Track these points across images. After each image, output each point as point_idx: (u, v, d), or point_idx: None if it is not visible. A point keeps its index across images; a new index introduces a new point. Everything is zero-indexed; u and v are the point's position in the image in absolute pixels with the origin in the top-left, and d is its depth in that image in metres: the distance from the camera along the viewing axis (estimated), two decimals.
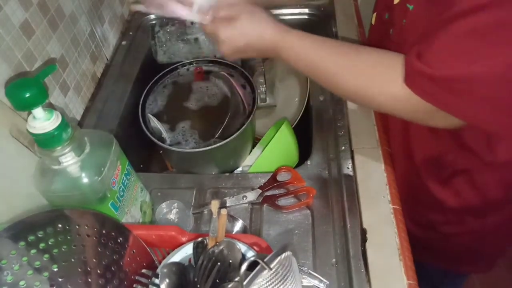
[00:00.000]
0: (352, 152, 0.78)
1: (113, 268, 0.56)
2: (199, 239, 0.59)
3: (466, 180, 0.74)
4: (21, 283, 0.51)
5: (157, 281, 0.55)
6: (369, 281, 0.62)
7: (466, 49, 0.50)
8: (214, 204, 0.62)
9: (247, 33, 0.65)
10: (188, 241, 0.60)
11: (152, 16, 1.16)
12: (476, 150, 0.69)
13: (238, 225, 0.72)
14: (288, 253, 0.50)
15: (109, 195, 0.61)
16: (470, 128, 0.62)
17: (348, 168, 0.77)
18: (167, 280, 0.53)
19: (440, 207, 0.80)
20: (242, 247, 0.57)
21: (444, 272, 0.99)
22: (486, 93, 0.52)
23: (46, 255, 0.54)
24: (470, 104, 0.53)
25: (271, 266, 0.48)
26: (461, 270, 0.98)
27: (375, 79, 0.60)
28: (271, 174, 0.79)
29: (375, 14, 0.79)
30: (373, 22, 0.80)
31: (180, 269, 0.55)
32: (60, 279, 0.53)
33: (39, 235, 0.54)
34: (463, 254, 0.90)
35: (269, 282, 0.48)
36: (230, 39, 0.65)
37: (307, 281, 0.60)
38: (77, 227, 0.57)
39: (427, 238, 0.86)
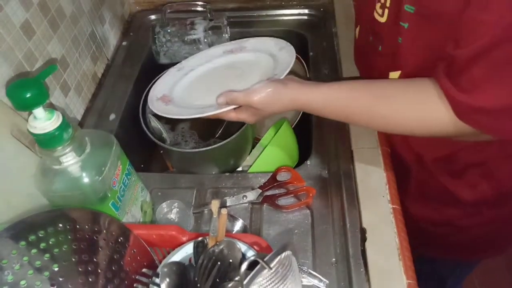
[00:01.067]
0: (352, 152, 0.78)
1: (113, 268, 0.56)
2: (200, 238, 0.59)
3: (480, 172, 0.75)
4: (22, 282, 0.51)
5: (157, 280, 0.55)
6: (368, 280, 0.62)
7: (509, 76, 0.51)
8: (214, 204, 0.62)
9: (270, 114, 0.69)
10: (189, 240, 0.61)
11: (153, 17, 1.16)
12: (491, 145, 0.70)
13: (238, 225, 0.72)
14: (288, 252, 0.50)
15: (109, 195, 0.61)
16: None
17: (348, 168, 0.77)
18: (168, 280, 0.53)
19: (456, 202, 0.80)
20: (242, 247, 0.57)
21: (455, 264, 0.99)
22: None
23: (47, 255, 0.54)
24: None
25: (271, 265, 0.48)
26: (473, 259, 0.98)
27: (418, 113, 0.60)
28: (271, 174, 0.79)
29: (358, 28, 0.79)
30: (356, 36, 0.80)
31: (180, 268, 0.55)
32: (60, 279, 0.53)
33: (40, 235, 0.54)
34: (478, 243, 0.90)
35: (269, 282, 0.48)
36: (256, 122, 0.72)
37: (307, 280, 0.61)
38: (77, 227, 0.57)
39: (443, 234, 0.86)
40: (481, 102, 0.52)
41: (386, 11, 0.64)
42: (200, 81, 0.86)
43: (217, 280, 0.52)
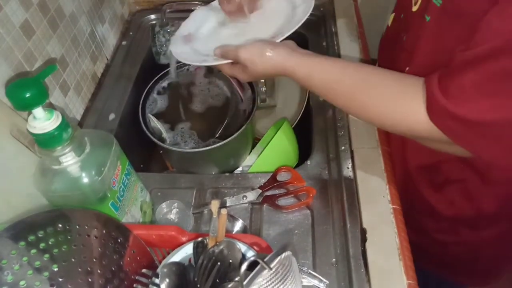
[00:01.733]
0: (352, 152, 0.78)
1: (113, 268, 0.56)
2: (199, 239, 0.59)
3: (459, 189, 0.74)
4: (21, 283, 0.51)
5: (157, 281, 0.55)
6: (369, 281, 0.62)
7: (498, 92, 0.48)
8: (214, 204, 0.62)
9: (259, 74, 0.68)
10: (188, 241, 0.61)
11: (152, 16, 1.16)
12: (473, 164, 0.68)
13: (238, 225, 0.72)
14: (288, 253, 0.50)
15: (109, 195, 0.61)
16: None
17: (348, 168, 0.77)
18: (167, 280, 0.53)
19: (433, 214, 0.79)
20: (242, 247, 0.57)
21: (442, 283, 0.99)
22: None
23: (46, 255, 0.54)
24: (499, 147, 0.52)
25: (271, 266, 0.48)
26: (457, 280, 0.97)
27: (396, 108, 0.58)
28: (271, 174, 0.79)
29: (393, 15, 0.77)
30: (389, 23, 0.78)
31: (180, 269, 0.55)
32: (60, 279, 0.53)
33: (39, 235, 0.54)
34: (458, 263, 0.89)
35: (269, 282, 0.48)
36: (248, 79, 0.71)
37: (307, 281, 0.60)
38: (77, 227, 0.57)
39: (422, 244, 0.86)
40: (459, 110, 0.50)
41: (420, 0, 0.63)
42: (227, 21, 0.83)
43: (217, 280, 0.52)
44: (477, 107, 0.49)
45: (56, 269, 0.53)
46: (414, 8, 0.65)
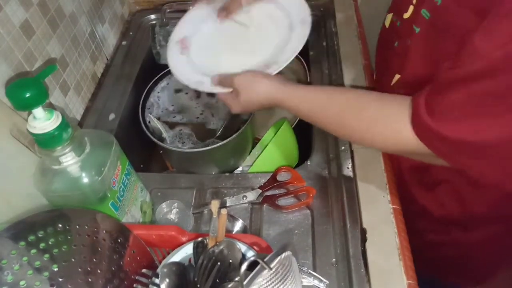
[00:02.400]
0: (352, 152, 0.78)
1: (113, 268, 0.56)
2: (199, 239, 0.59)
3: (449, 190, 0.74)
4: (21, 283, 0.51)
5: (157, 281, 0.55)
6: (369, 280, 0.62)
7: (481, 113, 0.48)
8: (214, 204, 0.62)
9: (250, 104, 0.71)
10: (188, 241, 0.61)
11: (152, 16, 1.16)
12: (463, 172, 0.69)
13: (238, 225, 0.72)
14: (288, 253, 0.50)
15: (109, 195, 0.61)
16: None
17: (348, 168, 0.77)
18: (167, 280, 0.53)
19: (425, 214, 0.79)
20: (242, 247, 0.57)
21: (434, 283, 0.98)
22: (501, 156, 0.51)
23: (46, 255, 0.54)
24: (484, 164, 0.53)
25: (271, 266, 0.48)
26: (450, 281, 0.98)
27: (385, 129, 0.58)
28: (271, 174, 0.79)
29: (390, 15, 0.77)
30: (386, 24, 0.78)
31: (180, 269, 0.55)
32: (60, 279, 0.53)
33: (39, 235, 0.54)
34: (449, 264, 0.89)
35: (269, 282, 0.48)
36: (241, 111, 0.73)
37: (307, 281, 0.60)
38: (77, 227, 0.57)
39: (415, 244, 0.86)
40: (442, 130, 0.50)
41: (411, 8, 0.64)
42: (224, 30, 0.84)
43: (217, 280, 0.52)
44: (459, 127, 0.50)
45: (56, 269, 0.53)
46: (406, 16, 0.66)
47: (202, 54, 0.81)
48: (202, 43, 0.83)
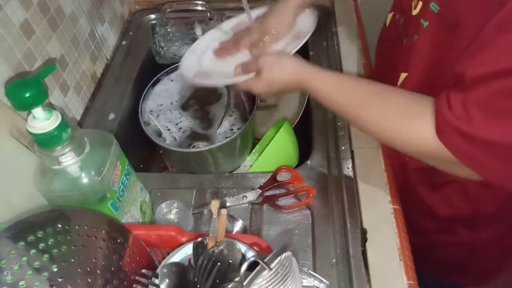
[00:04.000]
0: (352, 152, 0.78)
1: (112, 268, 0.56)
2: (199, 239, 0.59)
3: (457, 190, 0.74)
4: (21, 283, 0.51)
5: (157, 281, 0.55)
6: (369, 281, 0.62)
7: (508, 112, 0.47)
8: (214, 204, 0.62)
9: (274, 82, 0.70)
10: (188, 241, 0.60)
11: (152, 16, 1.16)
12: None
13: (238, 225, 0.72)
14: (288, 253, 0.50)
15: (108, 195, 0.61)
16: None
17: (348, 168, 0.76)
18: (167, 280, 0.53)
19: (431, 214, 0.79)
20: (242, 247, 0.57)
21: (438, 284, 0.98)
22: None
23: (46, 255, 0.54)
24: (507, 169, 0.51)
25: (271, 266, 0.48)
26: (454, 281, 0.97)
27: (405, 125, 0.57)
28: (271, 174, 0.79)
29: (391, 14, 0.76)
30: (387, 23, 0.78)
31: (180, 269, 0.55)
32: (59, 279, 0.53)
33: (39, 235, 0.54)
34: (455, 264, 0.89)
35: (269, 282, 0.48)
36: (263, 90, 0.71)
37: (307, 281, 0.60)
38: (77, 227, 0.56)
39: (419, 245, 0.86)
40: (467, 128, 0.49)
41: (420, 4, 0.63)
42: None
43: (217, 281, 0.52)
44: (485, 126, 0.48)
45: (55, 270, 0.53)
46: (414, 12, 0.65)
47: (218, 66, 0.82)
48: (215, 64, 0.84)
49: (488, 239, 0.79)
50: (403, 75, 0.69)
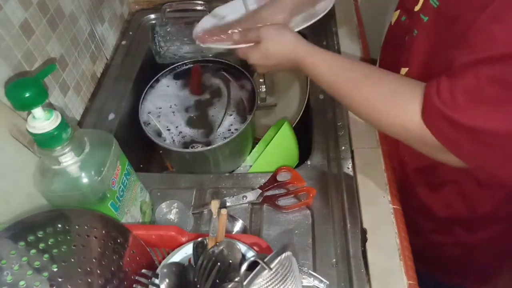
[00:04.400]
0: (352, 152, 0.78)
1: (113, 268, 0.56)
2: (199, 239, 0.59)
3: (455, 191, 0.74)
4: (21, 283, 0.51)
5: (157, 281, 0.55)
6: (369, 281, 0.62)
7: (494, 100, 0.47)
8: (214, 204, 0.62)
9: (271, 54, 0.70)
10: (188, 241, 0.60)
11: (152, 16, 1.16)
12: (468, 168, 0.68)
13: (238, 225, 0.72)
14: (288, 253, 0.50)
15: (108, 195, 0.61)
16: None
17: (348, 168, 0.77)
18: (167, 280, 0.53)
19: (429, 215, 0.79)
20: (242, 247, 0.57)
21: (439, 284, 0.98)
22: None
23: (46, 255, 0.54)
24: (492, 156, 0.51)
25: (271, 266, 0.48)
26: (453, 281, 0.97)
27: (393, 106, 0.57)
28: (271, 174, 0.79)
29: (396, 12, 0.76)
30: (392, 21, 0.78)
31: (180, 269, 0.55)
32: (60, 279, 0.53)
33: (39, 235, 0.54)
34: (453, 265, 0.89)
35: (269, 282, 0.48)
36: (258, 61, 0.71)
37: (307, 281, 0.60)
38: (76, 227, 0.56)
39: (418, 245, 0.86)
40: (453, 114, 0.49)
41: (421, 0, 0.63)
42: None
43: (217, 281, 0.52)
44: (471, 112, 0.49)
45: (55, 269, 0.53)
46: (417, 8, 0.65)
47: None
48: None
49: (486, 240, 0.79)
50: (404, 70, 0.69)
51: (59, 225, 0.56)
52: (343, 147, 0.80)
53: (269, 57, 0.70)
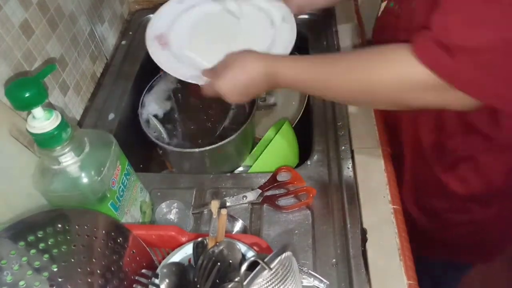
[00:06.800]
0: (352, 152, 0.78)
1: (112, 268, 0.56)
2: (199, 239, 0.59)
3: (471, 166, 0.74)
4: (21, 283, 0.51)
5: (157, 281, 0.55)
6: (369, 281, 0.62)
7: (488, 15, 0.47)
8: (214, 204, 0.62)
9: (239, 78, 0.66)
10: (188, 241, 0.60)
11: (152, 16, 1.16)
12: (481, 130, 0.67)
13: (238, 225, 0.72)
14: (288, 253, 0.50)
15: (108, 195, 0.61)
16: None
17: (348, 168, 0.76)
18: (167, 280, 0.53)
19: (445, 194, 0.80)
20: (242, 247, 0.57)
21: (445, 265, 0.99)
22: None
23: (46, 255, 0.53)
24: (494, 81, 0.50)
25: (271, 266, 0.48)
26: (462, 261, 0.98)
27: (382, 67, 0.56)
28: (271, 174, 0.79)
29: (384, 3, 0.77)
30: (379, 13, 0.78)
31: (180, 269, 0.55)
32: (59, 279, 0.53)
33: (39, 235, 0.54)
34: (464, 244, 0.90)
35: (269, 282, 0.48)
36: (229, 90, 0.67)
37: (307, 281, 0.60)
38: (76, 227, 0.56)
39: (430, 228, 0.86)
40: (445, 38, 0.49)
41: None
42: (201, 25, 0.83)
43: (217, 281, 0.52)
44: (465, 33, 0.48)
45: (55, 269, 0.53)
46: None
47: (187, 43, 0.80)
48: (184, 37, 0.81)
49: (498, 214, 0.80)
50: None
51: (59, 225, 0.55)
52: (343, 147, 0.80)
53: (238, 83, 0.66)
